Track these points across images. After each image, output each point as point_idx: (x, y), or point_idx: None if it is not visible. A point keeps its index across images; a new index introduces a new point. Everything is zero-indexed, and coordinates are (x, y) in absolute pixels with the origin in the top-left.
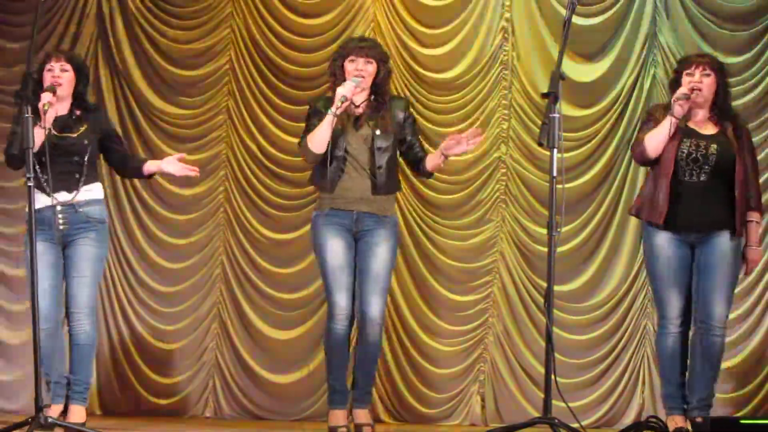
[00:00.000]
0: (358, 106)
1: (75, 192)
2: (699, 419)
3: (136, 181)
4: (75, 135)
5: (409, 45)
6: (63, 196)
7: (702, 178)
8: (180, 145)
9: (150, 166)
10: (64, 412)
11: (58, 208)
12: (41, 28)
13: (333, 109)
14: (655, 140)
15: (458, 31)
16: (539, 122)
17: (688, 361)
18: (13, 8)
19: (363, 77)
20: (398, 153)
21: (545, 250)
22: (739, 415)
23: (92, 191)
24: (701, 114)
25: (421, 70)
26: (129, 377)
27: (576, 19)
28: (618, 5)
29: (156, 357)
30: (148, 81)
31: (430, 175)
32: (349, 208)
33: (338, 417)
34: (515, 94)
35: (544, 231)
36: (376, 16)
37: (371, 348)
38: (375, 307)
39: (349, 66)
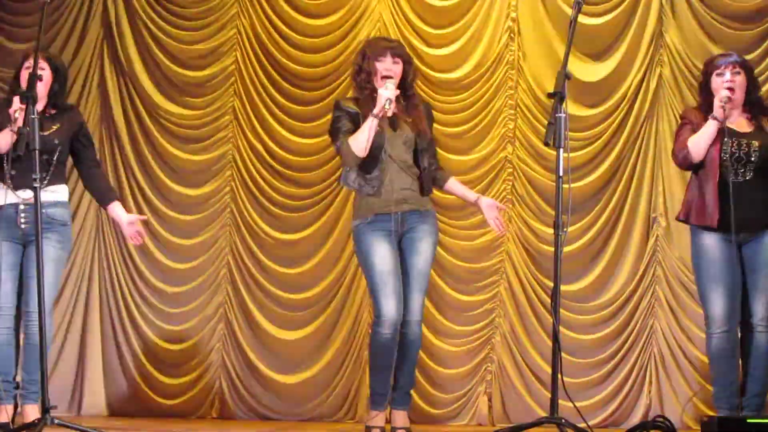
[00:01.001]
0: (393, 102)
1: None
2: (705, 418)
3: (142, 181)
4: (46, 133)
5: (415, 45)
6: (27, 194)
7: (748, 177)
8: (185, 145)
9: (113, 211)
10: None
11: (21, 206)
12: (47, 29)
13: (376, 111)
14: (700, 144)
15: (464, 31)
16: (545, 122)
17: (740, 362)
18: (18, 9)
19: (392, 79)
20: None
21: (552, 249)
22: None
23: (57, 192)
24: (735, 113)
25: (427, 70)
26: (135, 378)
27: (582, 19)
28: (624, 4)
29: (162, 357)
30: (154, 82)
31: (440, 188)
32: (393, 210)
33: (377, 418)
34: (521, 94)
35: (551, 231)
36: (382, 17)
37: (413, 348)
38: (416, 305)
39: (378, 65)
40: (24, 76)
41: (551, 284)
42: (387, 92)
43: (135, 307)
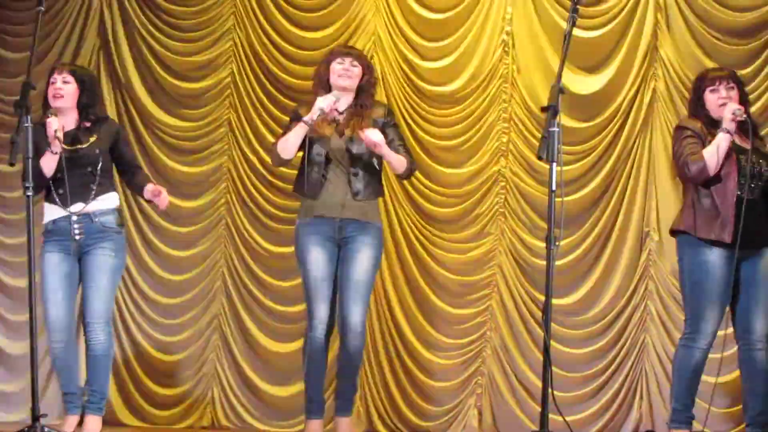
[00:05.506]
0: (342, 113)
1: (90, 202)
2: None
3: None
4: (85, 146)
5: (410, 58)
6: (78, 207)
7: (755, 194)
8: (181, 157)
9: (147, 192)
10: (80, 423)
11: (74, 218)
12: (43, 38)
13: (307, 117)
14: (715, 159)
15: (459, 44)
16: (539, 136)
17: (741, 380)
18: (15, 18)
19: (349, 79)
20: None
21: (544, 263)
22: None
23: (107, 200)
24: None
25: (421, 83)
26: (129, 388)
27: (576, 32)
28: (619, 18)
29: (156, 368)
30: (150, 93)
31: (407, 176)
32: (331, 214)
33: (315, 427)
34: (515, 108)
35: (543, 244)
36: (377, 29)
37: (353, 356)
38: (356, 314)
39: (336, 66)
40: (50, 92)
41: (543, 298)
42: (322, 102)
43: (130, 317)
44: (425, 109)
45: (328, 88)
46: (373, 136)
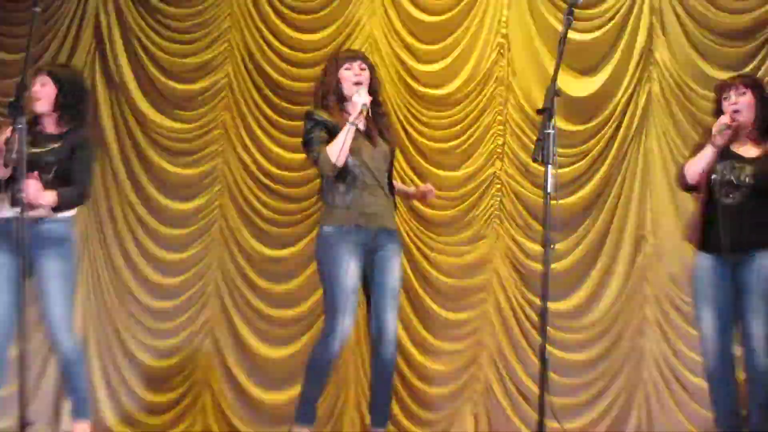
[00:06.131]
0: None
1: (39, 207)
2: None
3: (131, 195)
4: (44, 150)
5: (405, 60)
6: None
7: (738, 199)
8: (175, 159)
9: None
10: None
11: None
12: (38, 39)
13: (353, 117)
14: (693, 168)
15: (454, 47)
16: (534, 138)
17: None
18: (11, 19)
19: (362, 84)
20: None
21: (540, 267)
22: None
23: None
24: (742, 134)
25: (416, 85)
26: (119, 393)
27: (572, 35)
28: (614, 21)
29: (148, 373)
30: (145, 94)
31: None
32: (369, 225)
33: None
34: (511, 110)
35: (539, 248)
36: (372, 32)
37: (389, 364)
38: (392, 322)
39: (345, 73)
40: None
41: (539, 302)
42: (361, 98)
43: (119, 321)
44: (421, 112)
45: (341, 97)
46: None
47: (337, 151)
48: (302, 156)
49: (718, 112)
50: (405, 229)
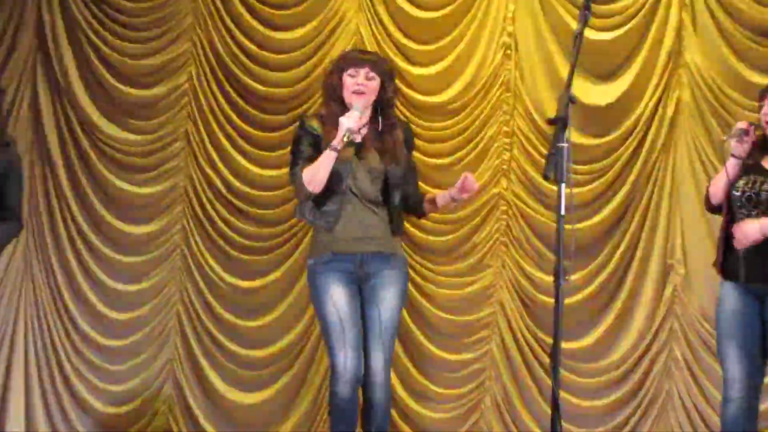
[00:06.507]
0: (358, 131)
1: None
2: None
3: (79, 217)
4: None
5: (397, 63)
6: None
7: (759, 218)
8: (130, 175)
9: None
10: None
11: None
12: None
13: (334, 143)
14: (715, 185)
15: (453, 47)
16: (545, 152)
17: None
18: None
19: (364, 95)
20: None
21: (552, 300)
22: None
23: None
24: None
25: (409, 91)
26: None
27: (589, 33)
28: (637, 17)
29: (99, 422)
30: (95, 101)
31: (422, 216)
32: (352, 250)
33: None
34: (518, 120)
35: (551, 279)
36: (359, 30)
37: (378, 415)
38: (379, 364)
39: (347, 79)
40: None
41: (550, 341)
42: (348, 121)
43: (67, 360)
44: (414, 122)
45: (342, 103)
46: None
47: (312, 178)
48: (277, 173)
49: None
50: None
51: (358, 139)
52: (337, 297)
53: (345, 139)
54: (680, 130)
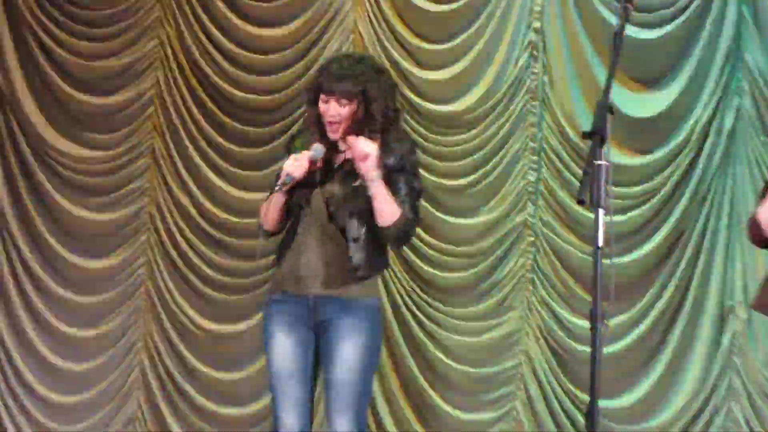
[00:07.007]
0: (343, 151)
1: None
2: None
3: (25, 250)
4: None
5: (402, 65)
6: None
7: None
8: (86, 199)
9: None
10: None
11: None
12: None
13: (278, 187)
14: (764, 212)
15: (470, 46)
16: (579, 173)
17: None
18: None
19: (337, 126)
20: None
21: (587, 350)
22: None
23: None
24: None
25: (418, 99)
26: None
27: (630, 31)
28: (688, 12)
29: None
30: (44, 110)
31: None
32: (302, 291)
33: None
34: (547, 134)
35: (586, 323)
36: (357, 26)
37: None
38: (341, 426)
39: (322, 106)
40: None
41: (586, 398)
42: (290, 166)
43: (10, 420)
44: (423, 136)
45: (324, 132)
46: (364, 146)
47: (263, 215)
48: (259, 196)
49: None
50: (401, 297)
51: (336, 157)
52: (279, 346)
53: (288, 183)
54: (740, 144)
